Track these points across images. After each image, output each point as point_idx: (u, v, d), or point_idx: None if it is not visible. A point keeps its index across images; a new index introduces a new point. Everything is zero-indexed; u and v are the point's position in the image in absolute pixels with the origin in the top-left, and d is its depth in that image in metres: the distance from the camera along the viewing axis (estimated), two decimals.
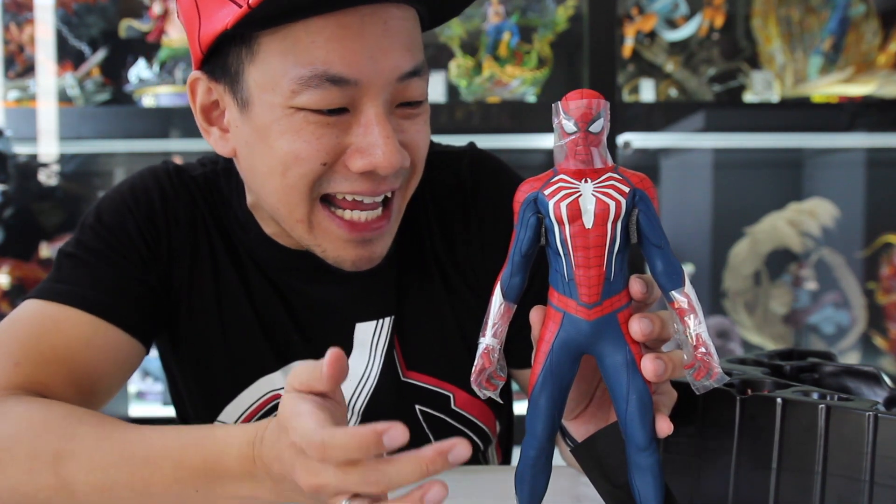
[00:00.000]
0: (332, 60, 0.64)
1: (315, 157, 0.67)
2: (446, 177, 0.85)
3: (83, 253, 0.77)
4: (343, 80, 0.64)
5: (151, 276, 0.79)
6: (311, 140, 0.66)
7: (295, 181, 0.68)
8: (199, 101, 0.73)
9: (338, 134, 0.67)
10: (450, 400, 0.84)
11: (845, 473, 0.52)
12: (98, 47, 2.09)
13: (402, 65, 0.67)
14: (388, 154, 0.66)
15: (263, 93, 0.67)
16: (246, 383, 0.81)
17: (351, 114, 0.67)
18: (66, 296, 0.73)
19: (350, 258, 0.73)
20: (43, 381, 0.69)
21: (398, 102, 0.69)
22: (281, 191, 0.70)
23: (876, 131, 2.08)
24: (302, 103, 0.65)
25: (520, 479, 0.54)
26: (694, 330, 0.49)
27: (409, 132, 0.70)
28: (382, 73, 0.66)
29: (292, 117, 0.66)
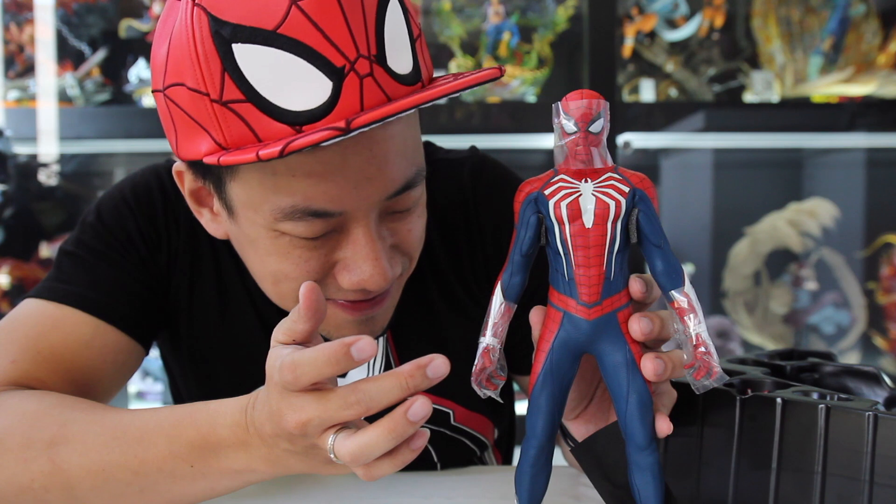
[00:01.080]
0: (312, 196, 0.60)
1: (304, 276, 0.64)
2: (447, 187, 0.82)
3: (83, 252, 0.76)
4: (326, 214, 0.61)
5: (151, 276, 0.78)
6: (299, 263, 0.64)
7: (287, 292, 0.66)
8: (188, 188, 0.70)
9: (326, 253, 0.64)
10: (450, 416, 0.83)
11: (845, 473, 0.52)
12: (98, 47, 2.09)
13: (391, 186, 0.62)
14: (376, 275, 0.63)
15: (246, 210, 0.63)
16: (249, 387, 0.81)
17: (338, 232, 0.63)
18: (65, 295, 0.73)
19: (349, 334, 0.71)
20: (40, 379, 0.69)
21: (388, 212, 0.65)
22: (275, 296, 0.69)
23: (876, 131, 2.08)
24: (286, 230, 0.62)
25: (520, 479, 0.54)
26: (694, 329, 0.49)
27: (400, 232, 0.67)
28: (367, 200, 0.61)
29: (278, 240, 0.63)
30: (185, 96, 0.57)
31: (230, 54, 0.55)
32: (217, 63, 0.55)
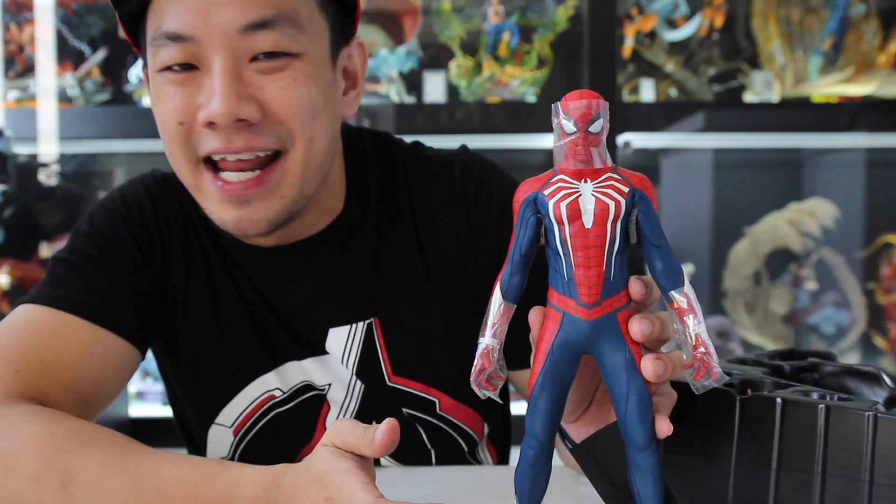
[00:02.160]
0: (168, 19, 0.68)
1: (171, 116, 0.71)
2: (438, 182, 0.84)
3: (78, 259, 0.77)
4: (178, 37, 0.68)
5: (146, 280, 0.79)
6: (166, 102, 0.71)
7: (168, 144, 0.73)
8: None
9: (190, 93, 0.70)
10: (435, 405, 0.84)
11: (845, 473, 0.52)
12: (98, 47, 2.09)
13: (242, 17, 0.68)
14: (221, 102, 0.67)
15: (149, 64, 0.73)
16: (241, 385, 0.82)
17: (201, 71, 0.69)
18: (62, 301, 0.73)
19: (230, 220, 0.73)
20: (43, 390, 0.69)
21: (251, 56, 0.69)
22: (170, 157, 0.74)
23: (876, 131, 2.08)
24: (157, 64, 0.70)
25: (519, 479, 0.54)
26: (693, 330, 0.49)
27: (269, 89, 0.70)
28: (218, 27, 0.67)
29: (156, 80, 0.71)
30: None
31: None
32: None
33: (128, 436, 0.64)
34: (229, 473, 0.57)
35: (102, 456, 0.60)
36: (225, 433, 0.83)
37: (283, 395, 0.82)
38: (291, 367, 0.82)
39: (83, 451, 0.60)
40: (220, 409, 0.82)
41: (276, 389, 0.82)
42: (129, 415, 1.95)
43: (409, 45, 2.02)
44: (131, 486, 0.58)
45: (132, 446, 0.62)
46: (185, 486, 0.57)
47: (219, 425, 0.83)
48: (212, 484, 0.56)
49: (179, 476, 0.58)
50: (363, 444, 0.52)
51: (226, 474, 0.57)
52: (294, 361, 0.82)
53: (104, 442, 0.62)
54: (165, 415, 1.95)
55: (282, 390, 0.82)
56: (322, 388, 0.82)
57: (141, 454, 0.60)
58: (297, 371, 0.82)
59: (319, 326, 0.82)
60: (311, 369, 0.82)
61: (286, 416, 0.82)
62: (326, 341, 0.82)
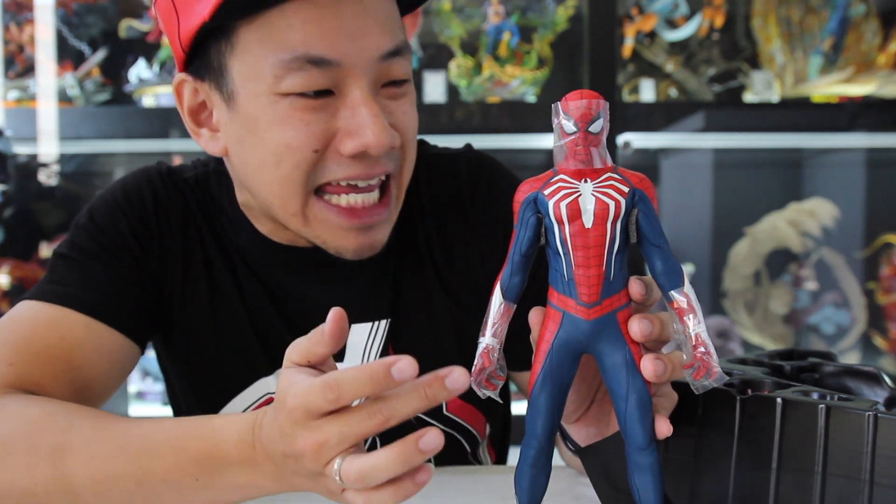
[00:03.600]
0: (310, 42, 0.64)
1: (306, 144, 0.67)
2: (444, 179, 0.84)
3: (76, 254, 0.77)
4: (324, 62, 0.65)
5: (145, 275, 0.78)
6: (299, 127, 0.67)
7: (289, 172, 0.68)
8: (187, 104, 0.73)
9: (326, 119, 0.67)
10: (442, 406, 0.83)
11: (845, 473, 0.52)
12: (98, 47, 2.09)
13: (383, 44, 0.67)
14: (377, 133, 0.66)
15: (247, 83, 0.67)
16: (240, 387, 0.81)
17: (336, 97, 0.67)
18: (60, 296, 0.73)
19: (351, 247, 0.72)
20: (38, 382, 0.69)
21: (383, 83, 0.69)
22: (275, 183, 0.70)
23: (876, 131, 2.08)
24: (286, 88, 0.65)
25: (519, 479, 0.54)
26: (693, 330, 0.49)
27: (396, 113, 0.70)
28: (363, 53, 0.66)
29: (278, 105, 0.66)
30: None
31: None
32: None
33: None
34: (213, 423, 0.56)
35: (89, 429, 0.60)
36: None
37: None
38: None
39: (69, 425, 0.61)
40: (218, 409, 0.82)
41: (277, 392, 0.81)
42: (129, 415, 1.95)
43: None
44: (120, 454, 0.58)
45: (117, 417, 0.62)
46: (173, 442, 0.57)
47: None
48: (197, 436, 0.56)
49: (165, 434, 0.58)
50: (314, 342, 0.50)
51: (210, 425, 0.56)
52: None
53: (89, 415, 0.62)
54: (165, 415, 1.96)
55: None
56: None
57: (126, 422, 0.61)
58: None
59: None
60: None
61: None
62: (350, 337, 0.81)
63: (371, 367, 0.45)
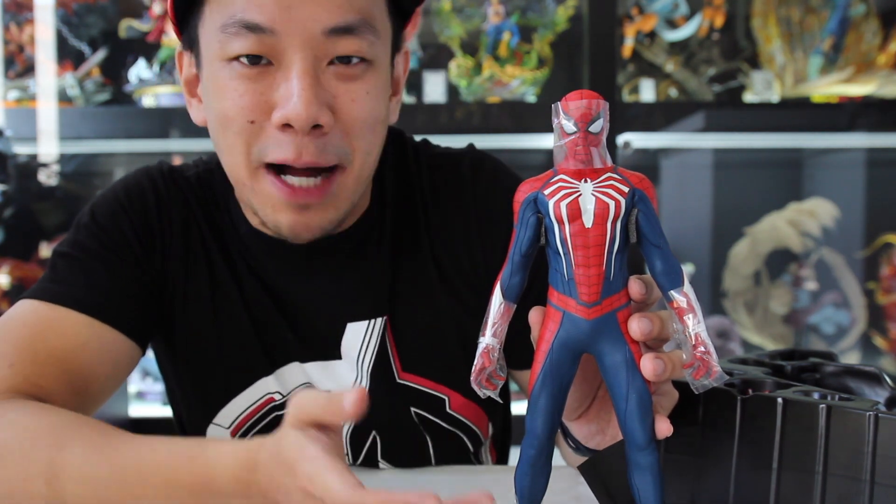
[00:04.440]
0: (248, 8, 0.65)
1: (241, 114, 0.68)
2: (447, 180, 0.84)
3: (78, 252, 0.76)
4: (258, 28, 0.65)
5: (147, 275, 0.78)
6: (234, 98, 0.68)
7: (231, 142, 0.70)
8: (184, 74, 0.77)
9: (262, 90, 0.67)
10: (445, 403, 0.83)
11: (846, 473, 0.52)
12: (98, 47, 2.09)
13: (327, 18, 0.66)
14: (300, 104, 0.65)
15: (206, 50, 0.70)
16: (241, 387, 0.81)
17: (276, 68, 0.67)
18: (61, 296, 0.73)
19: (286, 222, 0.72)
20: (38, 384, 0.69)
21: (329, 59, 0.68)
22: (225, 152, 0.72)
23: (876, 131, 2.08)
24: (227, 53, 0.67)
25: (519, 479, 0.54)
26: (693, 329, 0.49)
27: (341, 96, 0.68)
28: (301, 24, 0.65)
29: (222, 71, 0.68)
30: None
31: None
32: None
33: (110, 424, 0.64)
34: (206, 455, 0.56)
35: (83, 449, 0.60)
36: (222, 434, 0.82)
37: (283, 399, 0.81)
38: (293, 368, 0.81)
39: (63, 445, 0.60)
40: (218, 409, 0.82)
41: (277, 392, 0.81)
42: (129, 415, 1.95)
43: (410, 45, 2.02)
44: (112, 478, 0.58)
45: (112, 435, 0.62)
46: (165, 470, 0.56)
47: (216, 426, 0.82)
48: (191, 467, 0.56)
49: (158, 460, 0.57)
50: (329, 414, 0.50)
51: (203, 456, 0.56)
52: (296, 363, 0.81)
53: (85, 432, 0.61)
54: (165, 415, 1.95)
55: (282, 393, 0.81)
56: None
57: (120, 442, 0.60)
58: (298, 373, 0.81)
59: (336, 322, 0.81)
60: (314, 372, 0.81)
61: None
62: (343, 336, 0.81)
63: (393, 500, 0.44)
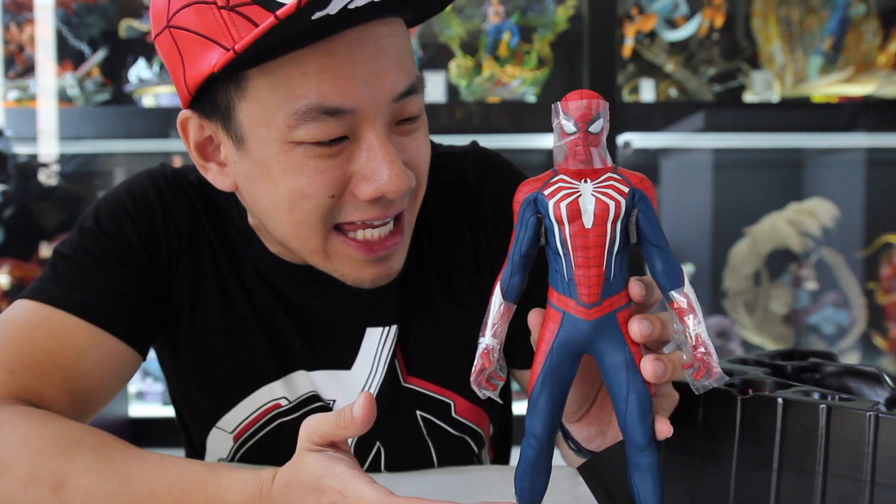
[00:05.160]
0: (325, 92, 0.62)
1: (321, 191, 0.65)
2: (451, 178, 0.84)
3: (81, 256, 0.75)
4: (339, 111, 0.62)
5: (149, 282, 0.77)
6: (314, 175, 0.65)
7: (304, 216, 0.67)
8: (193, 140, 0.71)
9: (341, 164, 0.65)
10: (451, 408, 0.83)
11: (846, 473, 0.52)
12: (98, 47, 2.09)
13: (398, 85, 0.65)
14: (393, 178, 0.64)
15: (258, 128, 0.65)
16: (247, 392, 0.81)
17: (351, 141, 0.65)
18: (62, 300, 0.72)
19: (369, 277, 0.71)
20: (37, 391, 0.68)
21: (396, 121, 0.67)
22: (291, 226, 0.68)
23: (876, 131, 2.08)
24: (300, 137, 0.63)
25: (519, 479, 0.53)
26: (693, 330, 0.49)
27: (409, 149, 0.69)
28: (378, 98, 0.64)
29: (291, 153, 0.64)
30: (192, 16, 0.61)
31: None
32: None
33: (118, 437, 0.64)
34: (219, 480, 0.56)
35: (92, 460, 0.60)
36: (225, 438, 0.82)
37: (288, 405, 0.81)
38: (299, 376, 0.81)
39: (72, 455, 0.60)
40: (222, 414, 0.81)
41: (283, 398, 0.81)
42: (129, 415, 1.95)
43: None
44: (121, 492, 0.58)
45: (122, 449, 0.61)
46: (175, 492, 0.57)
47: (219, 429, 0.82)
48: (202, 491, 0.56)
49: (169, 482, 0.57)
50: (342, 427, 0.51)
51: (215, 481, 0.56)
52: (303, 371, 0.81)
53: (94, 445, 0.61)
54: (165, 415, 1.96)
55: (288, 399, 0.81)
56: (327, 402, 0.82)
57: (130, 458, 0.60)
58: (304, 381, 0.81)
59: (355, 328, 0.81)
60: (319, 381, 0.81)
61: (290, 425, 0.81)
62: (363, 340, 0.81)
63: None
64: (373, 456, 0.82)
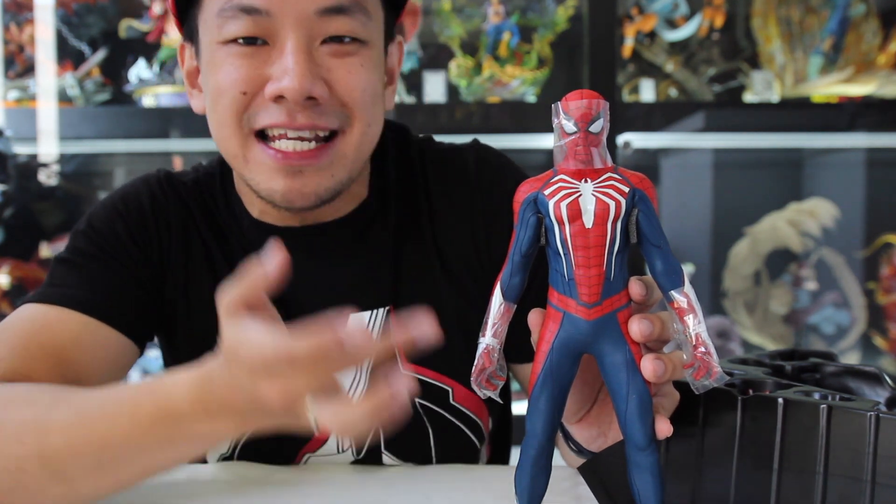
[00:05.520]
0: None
1: (234, 85, 0.71)
2: (452, 172, 0.85)
3: (75, 257, 0.78)
4: (254, 10, 0.69)
5: (143, 277, 0.79)
6: (230, 71, 0.71)
7: (222, 113, 0.72)
8: (186, 67, 0.80)
9: (258, 66, 0.70)
10: (449, 394, 0.84)
11: (847, 474, 0.52)
12: (98, 47, 2.09)
13: (318, 1, 0.69)
14: (294, 77, 0.68)
15: (204, 37, 0.73)
16: None
17: (271, 47, 0.70)
18: (55, 297, 0.74)
19: (280, 189, 0.73)
20: (28, 375, 0.69)
21: (322, 38, 0.71)
22: (216, 127, 0.74)
23: (876, 131, 2.08)
24: (224, 36, 0.70)
25: (520, 479, 0.53)
26: (693, 329, 0.49)
27: (336, 70, 0.72)
28: (294, 4, 0.69)
29: (218, 52, 0.71)
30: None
31: None
32: None
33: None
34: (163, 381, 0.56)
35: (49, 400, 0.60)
36: None
37: None
38: None
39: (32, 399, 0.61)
40: None
41: None
42: None
43: (410, 45, 2.02)
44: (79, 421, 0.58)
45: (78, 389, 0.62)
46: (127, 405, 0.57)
47: None
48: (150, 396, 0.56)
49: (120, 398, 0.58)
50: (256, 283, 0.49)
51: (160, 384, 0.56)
52: None
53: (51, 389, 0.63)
54: None
55: None
56: None
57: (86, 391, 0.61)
58: None
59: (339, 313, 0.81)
60: None
61: None
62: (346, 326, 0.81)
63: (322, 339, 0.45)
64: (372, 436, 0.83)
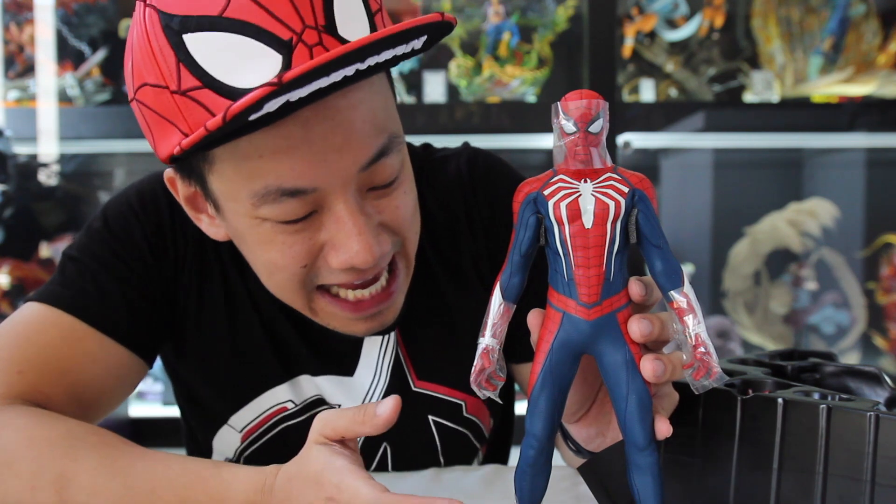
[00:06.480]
0: (282, 174, 0.59)
1: (292, 263, 0.65)
2: (446, 177, 0.84)
3: (88, 259, 0.76)
4: (299, 192, 0.60)
5: (156, 286, 0.77)
6: (283, 249, 0.64)
7: (282, 283, 0.67)
8: (182, 194, 0.70)
9: (311, 236, 0.64)
10: (462, 408, 0.83)
11: (846, 474, 0.52)
12: (98, 47, 2.09)
13: (361, 157, 0.61)
14: (362, 251, 0.62)
15: (228, 201, 0.64)
16: (252, 395, 0.81)
17: (319, 213, 0.63)
18: (72, 305, 0.72)
19: (360, 331, 0.71)
20: (45, 392, 0.69)
21: (369, 188, 0.65)
22: (274, 289, 0.69)
23: (876, 131, 2.08)
24: (265, 215, 0.62)
25: (519, 479, 0.53)
26: (693, 330, 0.49)
27: (386, 210, 0.66)
28: (341, 173, 0.61)
29: (260, 227, 0.63)
30: (150, 94, 0.59)
31: (182, 45, 0.55)
32: (171, 55, 0.56)
33: (121, 436, 0.64)
34: (221, 476, 0.56)
35: (96, 460, 0.60)
36: (233, 436, 0.82)
37: (294, 408, 0.81)
38: (305, 380, 0.81)
39: (76, 455, 0.60)
40: (235, 410, 0.82)
41: (289, 402, 0.81)
42: (129, 415, 1.95)
43: None
44: (124, 491, 0.58)
45: (125, 448, 0.62)
46: (177, 489, 0.57)
47: (230, 427, 0.82)
48: (204, 487, 0.56)
49: (171, 479, 0.58)
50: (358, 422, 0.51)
51: (217, 477, 0.57)
52: (308, 375, 0.81)
53: (97, 445, 0.62)
54: (165, 415, 1.96)
55: (294, 402, 0.81)
56: (333, 406, 0.82)
57: (133, 457, 0.60)
58: (310, 385, 0.81)
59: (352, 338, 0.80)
60: (324, 385, 0.81)
61: (296, 429, 0.81)
62: (362, 349, 0.81)
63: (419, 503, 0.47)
64: (380, 456, 0.83)
